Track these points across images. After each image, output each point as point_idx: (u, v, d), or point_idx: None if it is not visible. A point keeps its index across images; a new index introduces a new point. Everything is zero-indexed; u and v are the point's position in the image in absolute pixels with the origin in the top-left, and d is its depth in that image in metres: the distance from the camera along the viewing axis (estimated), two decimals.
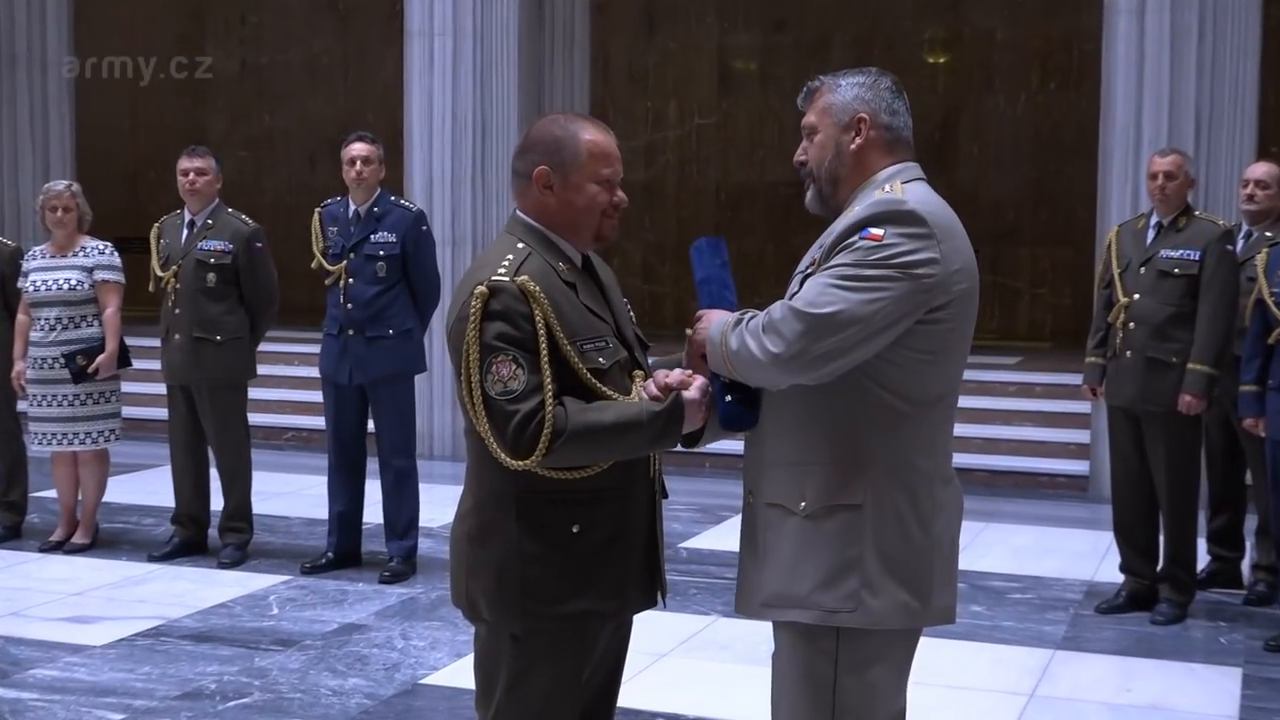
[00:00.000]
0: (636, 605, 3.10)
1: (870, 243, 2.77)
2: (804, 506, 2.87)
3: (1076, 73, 13.66)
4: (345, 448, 6.99)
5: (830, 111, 3.03)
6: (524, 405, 2.82)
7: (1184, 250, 6.16)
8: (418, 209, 7.08)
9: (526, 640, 2.96)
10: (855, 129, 2.99)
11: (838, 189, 3.02)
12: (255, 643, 5.86)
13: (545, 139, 3.04)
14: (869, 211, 2.82)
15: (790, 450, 2.90)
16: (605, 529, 2.98)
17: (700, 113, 15.10)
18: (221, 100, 16.57)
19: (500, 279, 2.89)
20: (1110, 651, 5.89)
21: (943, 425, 2.96)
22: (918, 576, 2.88)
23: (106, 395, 7.29)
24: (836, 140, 3.01)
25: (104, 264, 7.27)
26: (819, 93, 3.07)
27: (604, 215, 3.05)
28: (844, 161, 3.01)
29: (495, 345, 2.85)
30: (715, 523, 8.29)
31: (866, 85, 3.03)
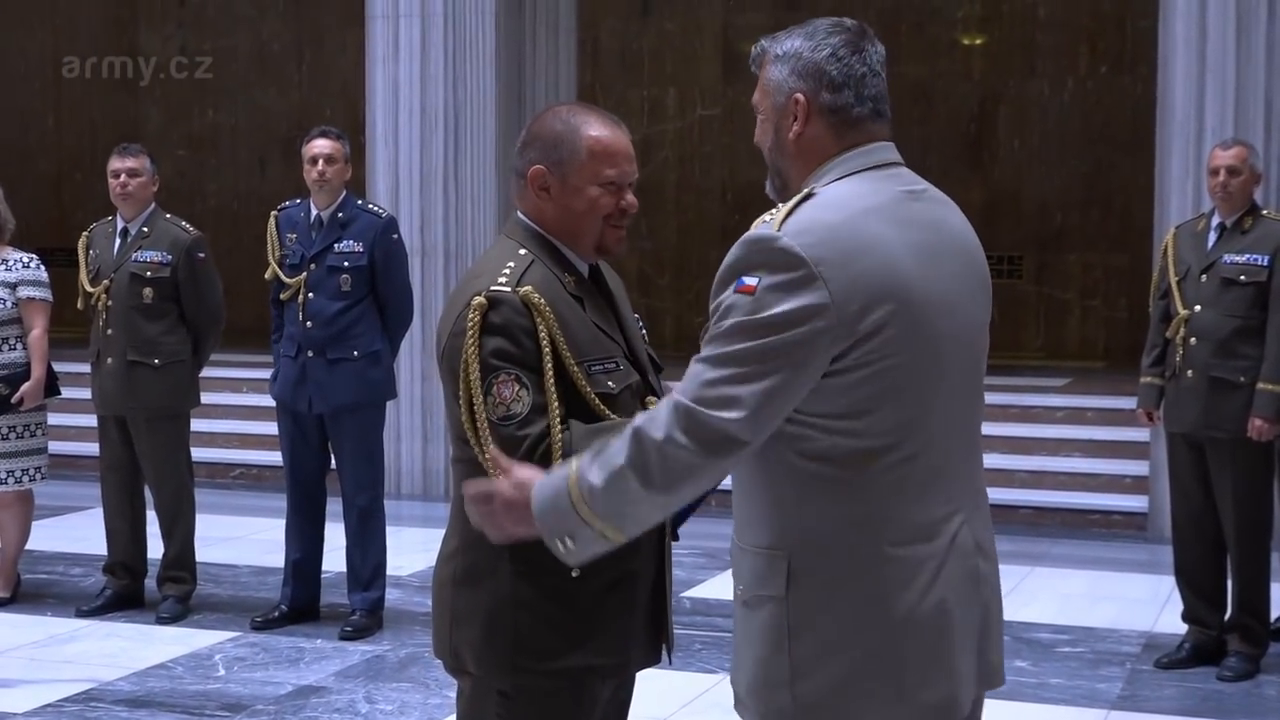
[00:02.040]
0: (640, 661, 3.10)
1: (745, 298, 2.54)
2: (741, 591, 2.70)
3: (1131, 54, 13.71)
4: (303, 486, 6.99)
5: (769, 90, 2.78)
6: (530, 430, 2.85)
7: (1250, 255, 6.17)
8: (388, 215, 7.11)
9: (516, 698, 2.97)
10: (793, 113, 2.73)
11: (787, 184, 2.79)
12: (199, 708, 5.85)
13: (544, 134, 3.06)
14: (737, 253, 2.60)
15: (737, 527, 2.76)
16: (608, 574, 2.96)
17: (703, 103, 15.15)
18: (158, 93, 16.58)
19: (500, 289, 2.90)
20: (1172, 711, 5.90)
21: (908, 478, 2.64)
22: (876, 670, 2.60)
23: (31, 429, 7.30)
24: (777, 125, 2.78)
25: (29, 279, 7.28)
26: (762, 62, 2.81)
27: (608, 223, 3.05)
28: (785, 152, 2.78)
29: (494, 364, 2.87)
30: (722, 569, 8.31)
31: (805, 54, 2.73)
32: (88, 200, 13.96)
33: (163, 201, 7.38)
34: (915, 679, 2.61)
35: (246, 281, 7.47)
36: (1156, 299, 6.52)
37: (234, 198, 15.80)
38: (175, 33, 16.52)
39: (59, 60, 16.57)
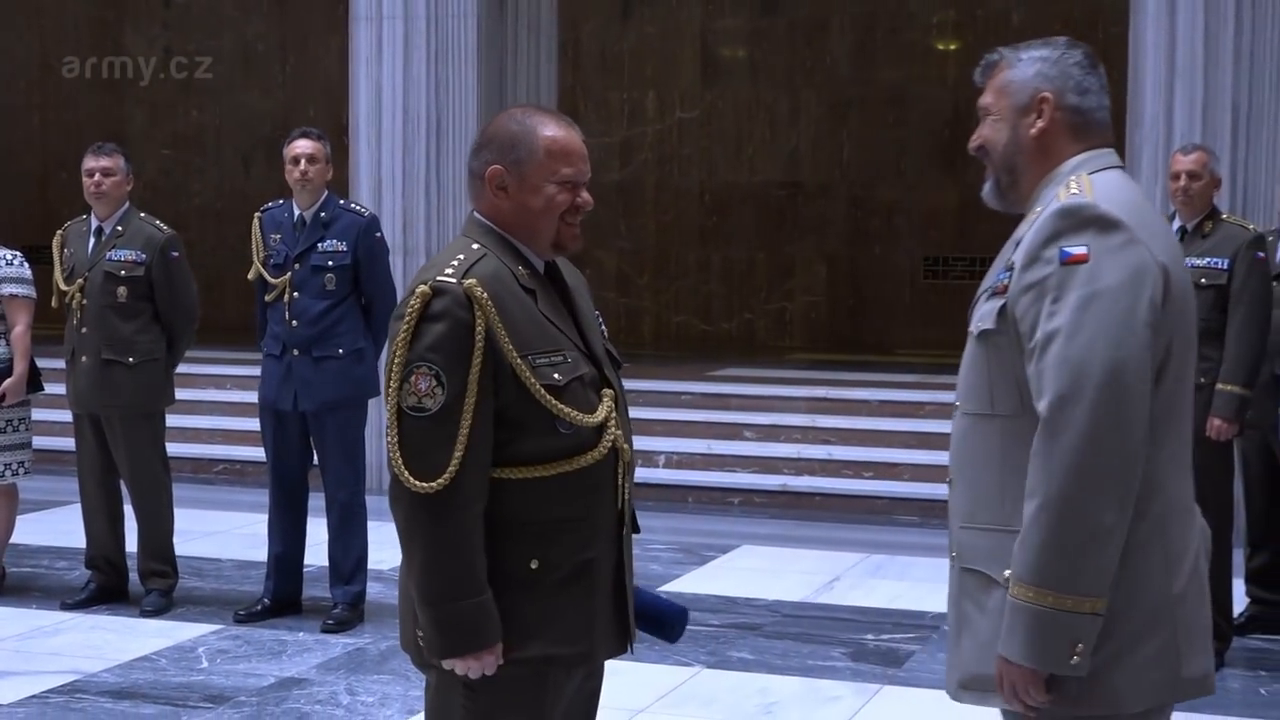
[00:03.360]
0: (604, 651, 3.11)
1: (1079, 267, 2.60)
2: (1007, 576, 2.66)
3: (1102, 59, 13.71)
4: (286, 482, 7.00)
5: (1008, 90, 2.88)
6: (437, 428, 2.89)
7: (1210, 258, 6.20)
8: (370, 214, 7.11)
9: (480, 689, 2.98)
10: (1036, 110, 2.84)
11: (1017, 181, 2.90)
12: (183, 700, 5.86)
13: (500, 135, 3.09)
14: (1055, 223, 2.67)
15: (986, 510, 2.76)
16: (568, 565, 2.99)
17: (682, 105, 15.16)
18: (143, 93, 16.54)
19: (446, 280, 2.93)
20: None
21: (1177, 455, 2.74)
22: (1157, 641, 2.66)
23: (15, 424, 7.30)
24: (1014, 124, 2.87)
25: (12, 276, 7.27)
26: (997, 67, 2.92)
27: (563, 220, 3.07)
28: (1023, 148, 2.87)
29: (422, 355, 2.91)
30: (699, 564, 8.35)
31: (1051, 60, 2.86)
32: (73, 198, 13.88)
33: (148, 200, 7.39)
34: (1184, 654, 2.68)
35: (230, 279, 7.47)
36: None
37: (218, 197, 15.79)
38: (160, 34, 16.49)
39: (45, 60, 16.54)
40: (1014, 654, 2.58)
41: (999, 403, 2.73)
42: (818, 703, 5.92)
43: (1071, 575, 2.52)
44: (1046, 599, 2.53)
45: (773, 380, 11.94)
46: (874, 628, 7.06)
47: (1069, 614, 2.53)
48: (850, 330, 14.72)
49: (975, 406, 2.80)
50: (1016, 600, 2.58)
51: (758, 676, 6.27)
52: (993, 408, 2.74)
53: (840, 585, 7.92)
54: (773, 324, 15.03)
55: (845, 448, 10.57)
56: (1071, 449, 2.52)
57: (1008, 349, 2.70)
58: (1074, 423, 2.52)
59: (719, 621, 7.13)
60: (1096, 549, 2.53)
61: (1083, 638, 2.54)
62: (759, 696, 6.01)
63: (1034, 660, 2.56)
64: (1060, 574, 2.53)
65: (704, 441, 10.73)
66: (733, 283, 15.05)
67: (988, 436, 2.76)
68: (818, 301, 14.93)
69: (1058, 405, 2.54)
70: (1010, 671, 2.60)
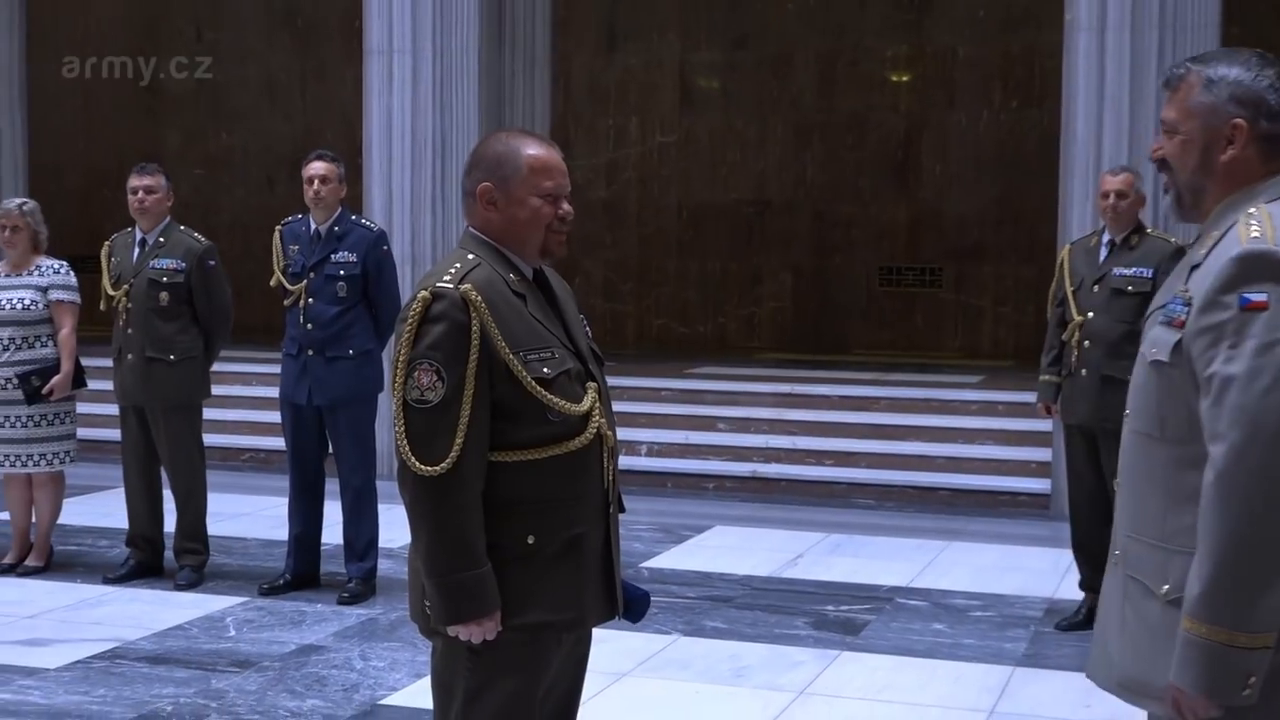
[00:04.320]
0: (593, 617, 3.13)
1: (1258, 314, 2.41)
2: (1166, 591, 2.54)
3: (1039, 89, 13.78)
4: (304, 469, 7.00)
5: (1198, 113, 2.60)
6: (438, 418, 2.91)
7: (1137, 268, 6.20)
8: (379, 229, 7.10)
9: (483, 653, 3.00)
10: (1229, 138, 2.58)
11: (1201, 201, 2.65)
12: (212, 664, 5.86)
13: (488, 156, 3.12)
14: (1233, 269, 2.45)
15: (1150, 526, 2.60)
16: (560, 540, 3.02)
17: (662, 130, 15.16)
18: (177, 117, 16.54)
19: (445, 285, 2.96)
20: (1070, 668, 5.92)
21: None
22: None
23: (61, 417, 7.30)
24: (1204, 147, 2.60)
25: (59, 283, 7.27)
26: (1185, 82, 2.62)
27: (549, 229, 3.10)
28: (1212, 172, 2.61)
29: (424, 353, 2.93)
30: (677, 542, 8.35)
31: (1245, 83, 2.57)
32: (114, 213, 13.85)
33: (181, 215, 7.37)
34: None
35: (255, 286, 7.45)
36: (1054, 306, 6.55)
37: (245, 212, 15.74)
38: (192, 65, 16.44)
39: (88, 88, 16.49)
40: (1188, 685, 2.44)
41: (1169, 429, 2.56)
42: (783, 667, 5.92)
43: (1246, 614, 2.39)
44: (1220, 635, 2.39)
45: (743, 377, 11.93)
46: (833, 600, 7.06)
47: (1242, 650, 2.40)
48: (813, 332, 14.72)
49: (1145, 426, 2.63)
50: (1191, 635, 2.43)
51: (729, 644, 6.27)
52: (1162, 433, 2.57)
53: (803, 562, 7.93)
54: (743, 327, 15.03)
55: (808, 438, 10.57)
56: (1247, 496, 2.38)
57: (1181, 382, 2.52)
58: (1249, 470, 2.38)
59: (694, 594, 7.13)
60: (1270, 590, 2.39)
61: (1255, 670, 2.41)
62: (730, 662, 6.01)
63: (1208, 692, 2.42)
64: (1235, 613, 2.39)
65: (681, 432, 10.72)
66: (707, 290, 15.05)
67: (1155, 459, 2.59)
68: (784, 307, 14.93)
69: (1234, 452, 2.39)
70: (1184, 698, 2.46)
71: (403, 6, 10.40)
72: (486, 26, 10.45)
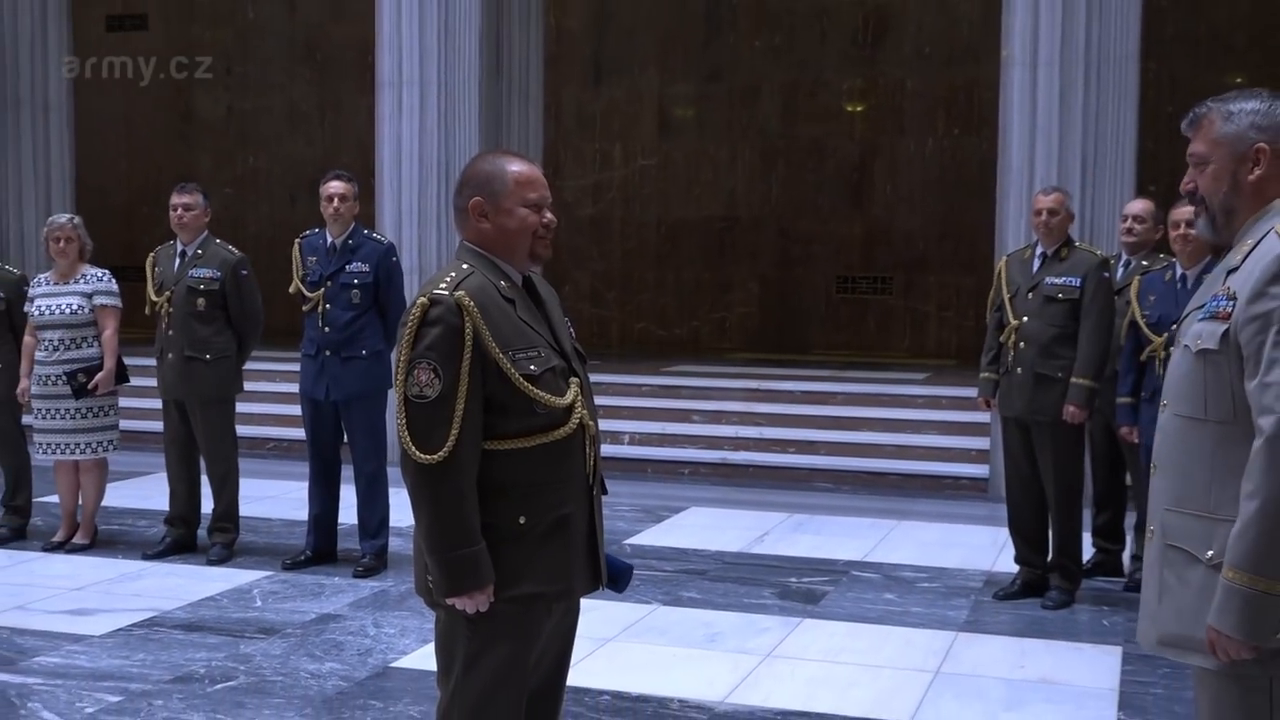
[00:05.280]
0: (580, 589, 3.12)
1: None
2: (1210, 556, 2.55)
3: (978, 118, 13.81)
4: (322, 457, 6.98)
5: (1224, 142, 2.66)
6: (435, 412, 2.91)
7: (1066, 277, 6.20)
8: (388, 241, 7.08)
9: (480, 622, 2.99)
10: (1254, 160, 2.63)
11: (1231, 220, 2.69)
12: (240, 631, 5.85)
13: (477, 175, 3.12)
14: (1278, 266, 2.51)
15: (1194, 499, 2.60)
16: (548, 519, 3.01)
17: (643, 154, 15.16)
18: (209, 142, 16.50)
19: (441, 293, 2.96)
20: (1006, 633, 5.95)
21: None
22: None
23: (105, 409, 7.27)
24: (1233, 172, 2.65)
25: (103, 290, 7.25)
26: (1207, 120, 2.69)
27: (535, 236, 3.10)
28: (1241, 193, 2.66)
29: (422, 353, 2.93)
30: (656, 522, 8.34)
31: (1262, 113, 2.64)
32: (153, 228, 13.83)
33: (212, 230, 7.34)
34: None
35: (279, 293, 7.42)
36: (992, 311, 6.53)
37: (270, 227, 15.69)
38: (224, 96, 16.42)
39: (130, 117, 16.43)
40: (1227, 628, 2.47)
41: (1212, 410, 2.57)
42: (751, 633, 5.91)
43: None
44: (1260, 584, 2.43)
45: (715, 375, 11.94)
46: (796, 572, 7.06)
47: (1278, 597, 2.44)
48: (777, 335, 14.73)
49: (1188, 410, 2.63)
50: (1233, 584, 2.46)
51: (703, 612, 6.26)
52: (1206, 414, 2.58)
53: (769, 539, 7.93)
54: (715, 330, 15.03)
55: (773, 428, 10.58)
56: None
57: (1226, 367, 2.54)
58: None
59: (672, 568, 7.12)
60: None
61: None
62: (704, 628, 6.00)
63: (1246, 634, 2.45)
64: (1274, 564, 2.42)
65: (660, 424, 10.72)
66: (683, 297, 15.05)
67: (1200, 438, 2.59)
68: (751, 312, 14.93)
69: None
70: (1222, 640, 2.49)
71: (411, 44, 10.38)
72: (485, 62, 10.44)
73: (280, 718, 4.78)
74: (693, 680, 5.25)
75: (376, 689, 5.11)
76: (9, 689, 5.06)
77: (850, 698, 5.05)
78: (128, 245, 14.31)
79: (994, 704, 5.01)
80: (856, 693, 5.11)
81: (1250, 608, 2.45)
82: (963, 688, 5.20)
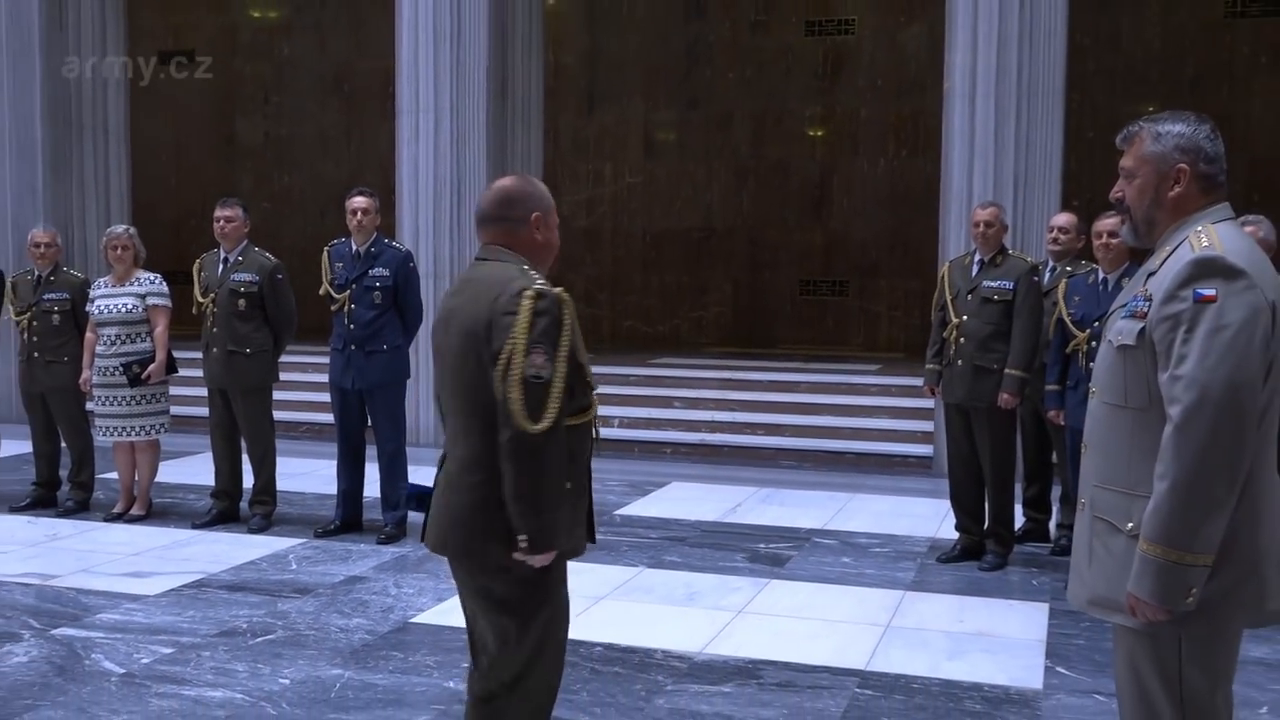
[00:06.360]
0: (584, 546, 3.14)
1: (1209, 305, 2.44)
2: (1130, 528, 2.54)
3: (924, 142, 13.82)
4: (349, 438, 6.96)
5: (1150, 160, 2.62)
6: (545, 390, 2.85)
7: (1001, 281, 6.22)
8: (406, 249, 7.06)
9: (548, 574, 3.00)
10: (1175, 179, 2.60)
11: (1152, 229, 2.66)
12: (278, 591, 5.85)
13: (534, 193, 3.10)
14: (1192, 270, 2.48)
15: (1120, 476, 2.58)
16: (578, 485, 3.03)
17: (630, 173, 15.14)
18: (249, 164, 16.43)
19: (544, 286, 2.92)
20: (948, 591, 5.98)
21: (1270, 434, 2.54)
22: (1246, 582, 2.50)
23: (157, 396, 7.25)
24: (1156, 187, 2.62)
25: (154, 291, 7.23)
26: (1139, 138, 2.65)
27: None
28: (1162, 207, 2.62)
29: (538, 339, 2.87)
30: (642, 495, 8.34)
31: (1186, 135, 2.60)
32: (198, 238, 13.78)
33: (251, 239, 7.32)
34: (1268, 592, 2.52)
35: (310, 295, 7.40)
36: (936, 311, 6.54)
37: (303, 238, 15.61)
38: (261, 122, 16.35)
39: (179, 140, 16.36)
40: (1144, 594, 2.47)
41: (1131, 399, 2.56)
42: (726, 591, 5.92)
43: (1191, 538, 2.42)
44: (1171, 555, 2.43)
45: (694, 366, 11.93)
46: (764, 539, 7.07)
47: (1187, 567, 2.43)
48: (748, 331, 14.73)
49: (1111, 398, 2.62)
50: (1147, 554, 2.46)
51: (684, 573, 6.27)
52: (1126, 402, 2.57)
53: (741, 510, 7.93)
54: (694, 327, 15.03)
55: (745, 413, 10.58)
56: (1197, 446, 2.40)
57: (1143, 361, 2.53)
58: (1200, 427, 2.40)
59: (656, 535, 7.12)
60: (1210, 519, 2.42)
61: (1195, 583, 2.44)
62: (685, 588, 6.01)
63: (1159, 600, 2.45)
64: (1183, 537, 2.42)
65: (645, 409, 10.72)
66: (666, 298, 15.04)
67: (1121, 423, 2.59)
68: (725, 311, 14.93)
69: (1188, 413, 2.41)
70: (1140, 605, 2.49)
71: (427, 76, 10.35)
72: (492, 93, 10.41)
73: (313, 666, 4.78)
74: (675, 633, 5.25)
75: (397, 641, 5.11)
76: (75, 641, 5.05)
77: (812, 648, 5.06)
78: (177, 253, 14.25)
79: (938, 653, 5.03)
80: (818, 644, 5.13)
81: (1163, 576, 2.45)
82: (910, 639, 5.22)
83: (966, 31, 9.05)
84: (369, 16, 15.16)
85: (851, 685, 4.62)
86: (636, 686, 4.58)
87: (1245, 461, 2.43)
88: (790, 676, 4.71)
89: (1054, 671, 4.81)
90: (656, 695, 4.49)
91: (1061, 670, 4.83)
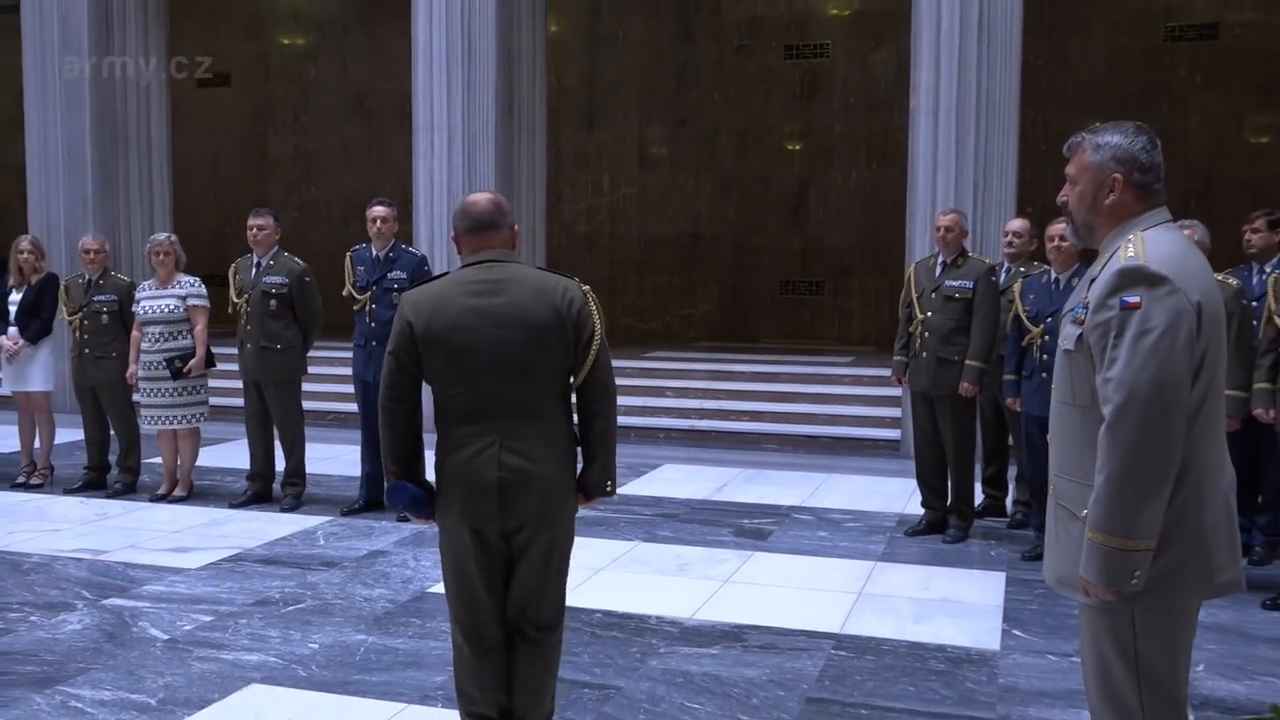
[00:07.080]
0: None
1: (1134, 312, 2.40)
2: (1084, 515, 2.50)
3: (892, 155, 13.82)
4: (371, 426, 6.94)
5: (1090, 169, 2.58)
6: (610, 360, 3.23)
7: (962, 281, 6.23)
8: (422, 254, 7.06)
9: None
10: (1111, 188, 2.56)
11: (1091, 233, 2.62)
12: (307, 564, 5.86)
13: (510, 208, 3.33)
14: (1116, 280, 2.45)
15: (1075, 467, 2.56)
16: None
17: (625, 184, 15.13)
18: (279, 175, 16.41)
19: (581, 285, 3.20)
20: (915, 562, 5.99)
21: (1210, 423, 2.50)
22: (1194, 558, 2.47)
23: (197, 388, 7.25)
24: (1094, 195, 2.58)
25: (194, 293, 7.22)
26: (1081, 148, 2.61)
27: None
28: (1099, 212, 2.58)
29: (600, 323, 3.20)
30: (637, 476, 8.35)
31: (1123, 147, 2.55)
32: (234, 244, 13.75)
33: (282, 245, 7.31)
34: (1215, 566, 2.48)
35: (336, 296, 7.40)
36: (903, 308, 6.54)
37: (328, 243, 15.60)
38: (291, 137, 16.32)
39: (215, 154, 16.33)
40: (1091, 577, 2.46)
41: (1078, 396, 2.54)
42: (713, 563, 5.93)
43: (1130, 525, 2.39)
44: (1113, 542, 2.41)
45: (684, 359, 11.93)
46: (748, 515, 7.08)
47: (1129, 552, 2.41)
48: (733, 327, 14.74)
49: (1063, 397, 2.61)
50: (1093, 541, 2.44)
51: (675, 547, 6.28)
52: (1074, 400, 2.56)
53: (727, 489, 7.94)
54: (684, 324, 15.03)
55: (731, 401, 10.59)
56: (1127, 442, 2.38)
57: (1083, 364, 2.52)
58: (1129, 424, 2.38)
59: (650, 512, 7.14)
60: (1146, 508, 2.39)
61: (1139, 566, 2.42)
62: (676, 560, 6.02)
63: (1105, 582, 2.44)
64: (1123, 525, 2.40)
65: (640, 398, 10.72)
66: (659, 297, 15.04)
67: (1073, 419, 2.56)
68: (712, 309, 14.94)
69: (1118, 411, 2.39)
70: (1090, 586, 2.48)
71: (440, 95, 10.34)
72: (500, 110, 10.40)
73: (339, 632, 4.79)
74: (667, 600, 5.26)
75: (416, 609, 5.11)
76: (124, 611, 5.06)
77: (792, 613, 5.07)
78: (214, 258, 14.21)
79: (905, 618, 5.04)
80: (797, 609, 5.14)
81: (1107, 561, 2.43)
82: (880, 605, 5.23)
83: (930, 54, 9.05)
84: (387, 42, 15.14)
85: (827, 647, 4.64)
86: (632, 649, 4.59)
87: (1176, 453, 2.41)
88: (772, 639, 4.73)
89: (1010, 634, 4.83)
90: (650, 657, 4.50)
91: (1017, 633, 4.85)
